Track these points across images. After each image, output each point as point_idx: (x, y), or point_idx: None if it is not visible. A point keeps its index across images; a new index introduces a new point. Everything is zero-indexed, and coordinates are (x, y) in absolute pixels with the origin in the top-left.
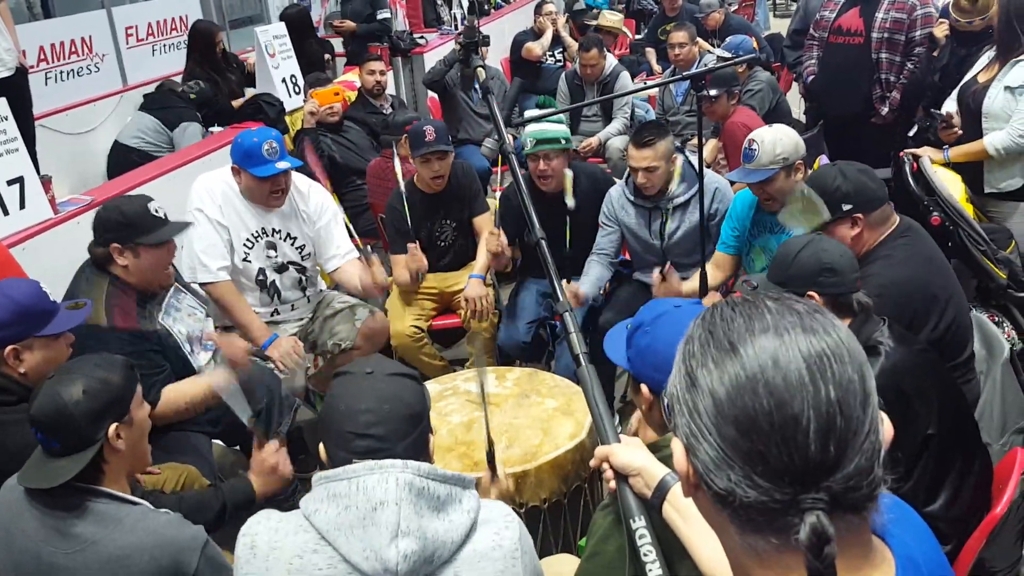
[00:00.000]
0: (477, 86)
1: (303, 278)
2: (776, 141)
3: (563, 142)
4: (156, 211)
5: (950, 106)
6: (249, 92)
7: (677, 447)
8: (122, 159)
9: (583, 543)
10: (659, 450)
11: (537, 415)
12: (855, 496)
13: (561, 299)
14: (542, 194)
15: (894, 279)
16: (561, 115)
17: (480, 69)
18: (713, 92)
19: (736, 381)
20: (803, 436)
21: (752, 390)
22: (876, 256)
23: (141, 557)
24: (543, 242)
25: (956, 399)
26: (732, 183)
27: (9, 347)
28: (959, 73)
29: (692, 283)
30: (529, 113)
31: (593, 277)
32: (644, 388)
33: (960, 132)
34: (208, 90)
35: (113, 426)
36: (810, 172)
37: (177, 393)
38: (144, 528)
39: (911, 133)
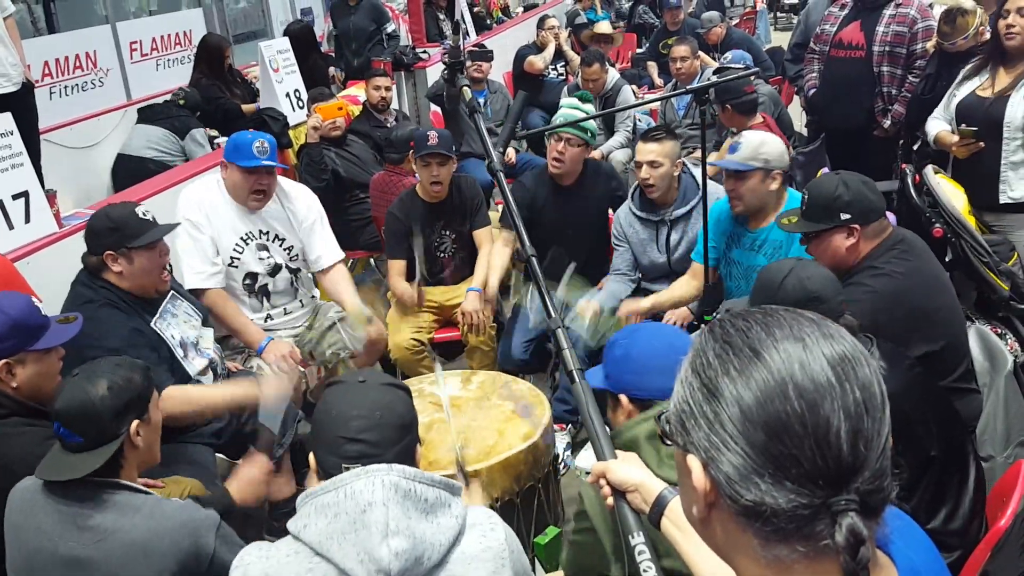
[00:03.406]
0: (463, 106)
1: (295, 279)
2: (762, 143)
3: (587, 134)
4: (144, 214)
5: (937, 125)
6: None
7: (694, 465)
8: (136, 169)
9: (539, 540)
10: (619, 435)
11: (495, 417)
12: (877, 498)
13: (553, 315)
14: (560, 185)
15: (880, 291)
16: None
17: (465, 89)
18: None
19: (765, 385)
20: (835, 437)
21: (782, 394)
22: (864, 266)
23: (162, 541)
24: (533, 259)
25: (949, 414)
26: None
27: (1, 361)
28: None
29: (657, 297)
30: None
31: (608, 291)
32: (623, 398)
33: (983, 144)
34: (195, 94)
35: (135, 423)
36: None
37: (200, 395)
38: (161, 513)
39: (916, 147)
